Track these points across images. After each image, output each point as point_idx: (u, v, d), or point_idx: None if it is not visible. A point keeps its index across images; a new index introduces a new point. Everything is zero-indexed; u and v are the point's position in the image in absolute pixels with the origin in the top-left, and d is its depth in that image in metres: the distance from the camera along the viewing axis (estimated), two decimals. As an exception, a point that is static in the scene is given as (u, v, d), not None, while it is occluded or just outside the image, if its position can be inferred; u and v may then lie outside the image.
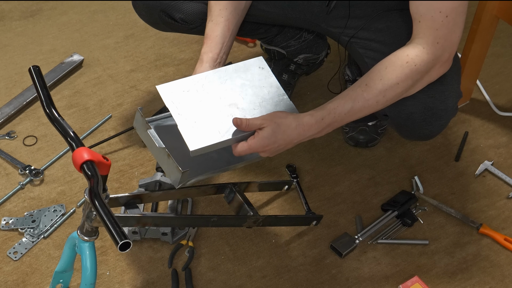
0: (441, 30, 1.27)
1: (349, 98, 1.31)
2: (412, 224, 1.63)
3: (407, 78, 1.29)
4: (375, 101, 1.30)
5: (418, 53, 1.28)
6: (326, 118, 1.30)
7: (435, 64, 1.30)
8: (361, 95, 1.30)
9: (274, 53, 1.87)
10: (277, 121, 1.27)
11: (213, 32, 1.42)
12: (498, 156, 1.81)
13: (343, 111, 1.31)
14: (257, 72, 1.40)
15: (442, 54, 1.30)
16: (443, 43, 1.28)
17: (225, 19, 1.43)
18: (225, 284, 1.51)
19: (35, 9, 2.29)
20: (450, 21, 1.27)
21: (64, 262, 1.33)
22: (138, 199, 1.42)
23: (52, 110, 1.15)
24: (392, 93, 1.30)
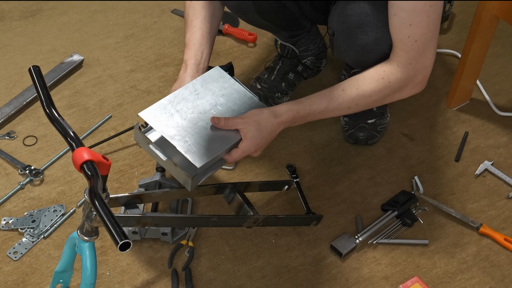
0: (412, 53, 1.37)
1: (326, 98, 1.43)
2: (412, 224, 1.63)
3: (380, 92, 1.42)
4: (347, 106, 1.43)
5: (393, 70, 1.40)
6: (301, 112, 1.43)
7: (407, 84, 1.42)
8: (337, 98, 1.43)
9: (288, 50, 1.90)
10: (256, 118, 1.39)
11: (191, 41, 1.55)
12: (498, 156, 1.81)
13: (317, 109, 1.43)
14: (221, 81, 1.51)
15: (415, 75, 1.40)
16: (415, 64, 1.38)
17: (198, 28, 1.56)
18: (225, 284, 1.51)
19: (35, 9, 2.29)
20: (420, 46, 1.36)
21: (64, 262, 1.33)
22: (138, 199, 1.42)
23: (52, 110, 1.15)
24: (363, 103, 1.44)
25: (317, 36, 1.91)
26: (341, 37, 1.51)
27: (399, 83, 1.41)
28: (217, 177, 1.74)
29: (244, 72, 2.04)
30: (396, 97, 1.45)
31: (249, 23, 1.80)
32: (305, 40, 1.88)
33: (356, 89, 1.42)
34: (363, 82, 1.42)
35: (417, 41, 1.35)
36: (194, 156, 1.35)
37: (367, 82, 1.41)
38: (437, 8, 1.34)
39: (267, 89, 1.88)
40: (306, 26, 1.85)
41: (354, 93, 1.42)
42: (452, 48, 2.13)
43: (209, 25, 1.57)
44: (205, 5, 1.57)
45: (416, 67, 1.39)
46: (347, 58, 1.59)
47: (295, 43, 1.88)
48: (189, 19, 1.57)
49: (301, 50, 1.90)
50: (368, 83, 1.41)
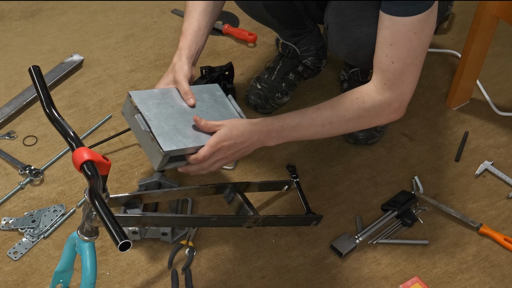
0: (388, 74, 1.36)
1: (300, 114, 1.43)
2: (412, 224, 1.63)
3: (353, 111, 1.40)
4: (320, 124, 1.42)
5: (368, 91, 1.39)
6: (275, 124, 1.43)
7: (384, 109, 1.39)
8: (311, 115, 1.42)
9: (290, 50, 1.90)
10: (232, 121, 1.43)
11: (187, 31, 1.58)
12: (498, 156, 1.81)
13: (291, 123, 1.43)
14: (215, 96, 1.57)
15: (391, 100, 1.38)
16: (390, 86, 1.37)
17: (196, 19, 1.59)
18: (225, 284, 1.51)
19: (35, 9, 2.29)
20: (397, 69, 1.35)
21: (64, 262, 1.33)
22: (138, 199, 1.42)
23: (52, 110, 1.15)
24: (337, 122, 1.42)
25: (318, 36, 1.91)
26: (334, 29, 1.52)
27: (373, 104, 1.39)
28: (217, 177, 1.74)
29: (244, 72, 2.05)
30: (374, 121, 1.43)
31: (254, 18, 1.80)
32: (306, 40, 1.88)
33: (330, 107, 1.41)
34: (338, 101, 1.41)
35: (394, 63, 1.34)
36: (165, 141, 1.38)
37: (342, 101, 1.41)
38: (421, 37, 1.33)
39: (267, 89, 1.88)
40: (309, 26, 1.86)
41: (329, 111, 1.41)
42: (452, 48, 2.13)
43: (207, 18, 1.60)
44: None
45: (392, 91, 1.37)
46: (340, 52, 1.59)
47: (296, 42, 1.89)
48: (189, 9, 1.60)
49: (302, 50, 1.90)
50: (342, 102, 1.40)
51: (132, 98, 1.44)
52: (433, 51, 2.13)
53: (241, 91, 1.96)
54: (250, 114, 1.90)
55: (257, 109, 1.89)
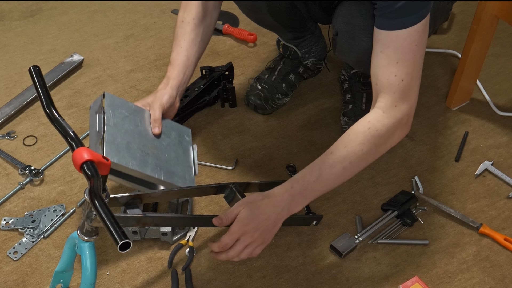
0: (398, 94, 1.32)
1: (315, 166, 1.35)
2: (412, 224, 1.63)
3: (369, 143, 1.33)
4: (341, 167, 1.33)
5: (378, 118, 1.33)
6: (296, 186, 1.34)
7: (396, 128, 1.35)
8: (327, 162, 1.34)
9: (291, 51, 1.91)
10: (249, 200, 1.34)
11: (176, 61, 1.60)
12: (498, 156, 1.81)
13: (311, 178, 1.34)
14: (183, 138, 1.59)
15: (401, 118, 1.35)
16: (400, 106, 1.33)
17: (185, 49, 1.60)
18: (225, 284, 1.51)
19: (35, 9, 2.29)
20: (406, 85, 1.32)
21: (64, 262, 1.33)
22: (138, 199, 1.42)
23: (52, 110, 1.15)
24: (356, 159, 1.34)
25: (320, 37, 1.91)
26: (344, 38, 1.51)
27: (387, 129, 1.33)
28: (217, 177, 1.74)
29: (244, 72, 2.05)
30: (389, 144, 1.38)
31: (257, 22, 1.80)
32: (308, 41, 1.89)
33: (344, 147, 1.33)
34: (349, 139, 1.34)
35: (404, 80, 1.31)
36: (110, 150, 1.37)
37: (354, 138, 1.34)
38: (422, 48, 1.32)
39: (267, 90, 1.88)
40: (311, 28, 1.86)
41: (344, 152, 1.33)
42: (452, 48, 2.13)
43: (195, 48, 1.62)
44: (194, 29, 1.61)
45: (402, 109, 1.34)
46: (349, 59, 1.59)
47: (298, 44, 1.89)
48: (177, 39, 1.61)
49: (303, 52, 1.90)
50: (355, 138, 1.33)
51: (104, 98, 1.45)
52: (433, 51, 2.13)
53: (241, 91, 1.96)
54: (250, 114, 1.91)
55: (257, 109, 1.90)
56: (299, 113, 1.92)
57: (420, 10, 1.28)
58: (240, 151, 1.81)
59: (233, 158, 1.78)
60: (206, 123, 1.88)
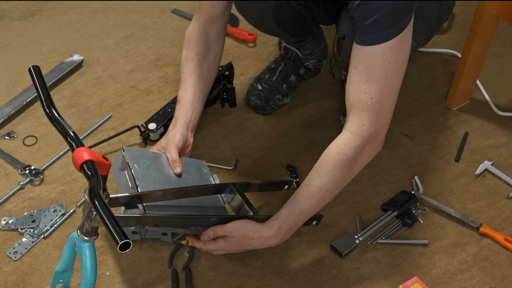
0: (367, 112, 1.31)
1: (296, 202, 1.39)
2: (412, 224, 1.63)
3: (340, 168, 1.34)
4: (320, 197, 1.37)
5: (346, 140, 1.34)
6: (283, 226, 1.40)
7: (364, 146, 1.34)
8: (305, 195, 1.38)
9: (292, 53, 1.91)
10: (243, 233, 1.41)
11: (183, 99, 1.58)
12: (498, 156, 1.81)
13: (294, 215, 1.40)
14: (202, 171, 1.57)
15: (369, 136, 1.33)
16: (368, 125, 1.32)
17: (191, 86, 1.59)
18: (225, 284, 1.51)
19: (35, 9, 2.29)
20: (376, 103, 1.30)
21: (64, 262, 1.33)
22: (138, 199, 1.42)
23: (52, 110, 1.15)
24: (332, 186, 1.36)
25: (321, 39, 1.91)
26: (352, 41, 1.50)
27: (355, 151, 1.33)
28: (217, 177, 1.73)
29: (244, 72, 2.05)
30: (361, 164, 1.38)
31: (262, 31, 1.80)
32: (310, 44, 1.89)
33: (318, 177, 1.36)
34: (321, 168, 1.36)
35: (373, 98, 1.29)
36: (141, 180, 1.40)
37: (325, 165, 1.35)
38: (396, 65, 1.29)
39: (268, 91, 1.88)
40: (314, 31, 1.86)
41: (319, 182, 1.36)
42: (452, 48, 2.13)
43: (202, 83, 1.61)
44: (199, 64, 1.60)
45: (370, 128, 1.32)
46: None
47: (300, 47, 1.89)
48: (183, 76, 1.60)
49: (305, 54, 1.90)
50: (326, 166, 1.35)
51: (125, 153, 1.43)
52: (433, 51, 2.13)
53: (241, 91, 1.96)
54: (250, 115, 1.91)
55: (258, 110, 1.90)
56: (299, 113, 1.92)
57: (393, 26, 1.25)
58: (240, 151, 1.81)
59: (233, 158, 1.78)
60: (206, 123, 1.88)
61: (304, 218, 1.42)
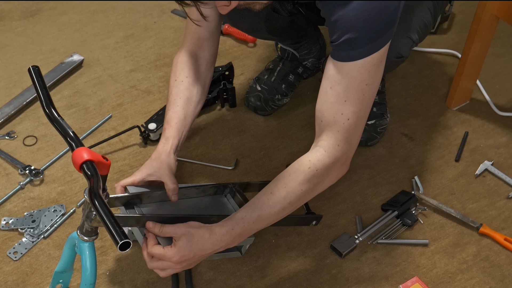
0: (342, 133, 1.30)
1: (256, 207, 1.33)
2: (412, 224, 1.63)
3: (309, 183, 1.32)
4: (281, 208, 1.33)
5: (319, 157, 1.31)
6: (236, 228, 1.32)
7: (334, 167, 1.34)
8: (267, 203, 1.32)
9: (289, 54, 1.91)
10: (192, 231, 1.29)
11: (173, 119, 1.50)
12: (498, 156, 1.81)
13: (251, 219, 1.32)
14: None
15: (341, 157, 1.33)
16: (342, 146, 1.31)
17: (181, 108, 1.51)
18: (225, 284, 1.51)
19: (35, 9, 2.29)
20: (352, 125, 1.29)
21: (64, 262, 1.33)
22: (138, 199, 1.42)
23: (52, 110, 1.15)
24: (295, 199, 1.33)
25: (318, 38, 1.91)
26: None
27: (326, 169, 1.32)
28: (217, 177, 1.74)
29: (244, 72, 2.05)
30: (326, 183, 1.37)
31: (258, 38, 1.81)
32: (307, 44, 1.88)
33: (284, 188, 1.32)
34: (289, 179, 1.32)
35: (349, 119, 1.28)
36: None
37: (294, 177, 1.32)
38: (372, 88, 1.28)
39: (267, 91, 1.88)
40: (310, 32, 1.86)
41: (284, 192, 1.32)
42: (452, 48, 2.13)
43: (191, 107, 1.53)
44: (189, 87, 1.53)
45: (343, 148, 1.31)
46: None
47: (297, 48, 1.89)
48: (172, 97, 1.52)
49: (302, 54, 1.90)
50: (295, 178, 1.32)
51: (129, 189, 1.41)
52: (433, 51, 2.13)
53: (241, 91, 1.96)
54: (250, 115, 1.91)
55: (257, 111, 1.90)
56: (299, 113, 1.92)
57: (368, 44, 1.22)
58: (240, 151, 1.81)
59: (233, 158, 1.78)
60: (206, 123, 1.88)
61: (259, 226, 1.35)
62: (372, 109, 1.81)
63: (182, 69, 1.54)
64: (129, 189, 1.38)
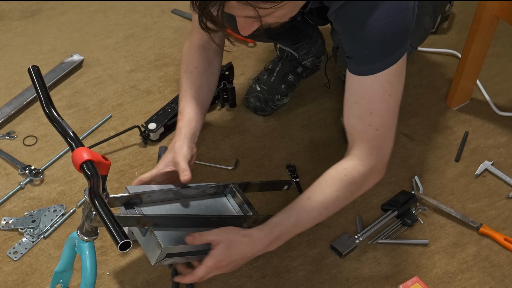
0: (373, 143, 1.34)
1: (294, 211, 1.37)
2: (412, 224, 1.63)
3: (345, 190, 1.36)
4: (318, 213, 1.37)
5: (354, 165, 1.35)
6: (274, 231, 1.36)
7: (371, 174, 1.37)
8: (304, 208, 1.36)
9: (287, 54, 1.90)
10: (230, 237, 1.33)
11: (185, 110, 1.52)
12: (498, 156, 1.81)
13: (289, 224, 1.36)
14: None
15: (376, 165, 1.36)
16: (376, 154, 1.35)
17: (193, 98, 1.53)
18: (225, 284, 1.51)
19: (35, 9, 2.29)
20: (381, 134, 1.33)
21: (64, 262, 1.33)
22: (138, 199, 1.42)
23: (52, 110, 1.15)
24: (333, 205, 1.37)
25: (317, 37, 1.91)
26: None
27: (362, 177, 1.36)
28: (217, 177, 1.74)
29: (244, 72, 2.05)
30: (363, 189, 1.40)
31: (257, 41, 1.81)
32: (306, 44, 1.88)
33: (321, 194, 1.36)
34: (326, 185, 1.36)
35: (378, 129, 1.32)
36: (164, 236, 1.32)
37: (330, 184, 1.35)
38: (396, 97, 1.31)
39: (266, 92, 1.88)
40: (309, 33, 1.85)
41: (321, 198, 1.36)
42: (452, 48, 2.13)
43: (203, 95, 1.56)
44: (198, 77, 1.56)
45: (377, 157, 1.35)
46: None
47: (296, 48, 1.89)
48: (183, 88, 1.55)
49: (301, 54, 1.90)
50: (331, 185, 1.35)
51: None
52: (433, 51, 2.13)
53: (241, 91, 1.96)
54: (250, 115, 1.91)
55: (257, 111, 1.90)
56: (299, 113, 1.92)
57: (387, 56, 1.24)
58: (240, 151, 1.81)
59: (233, 158, 1.78)
60: (206, 123, 1.88)
61: (297, 230, 1.39)
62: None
63: (191, 60, 1.57)
64: (129, 189, 1.38)
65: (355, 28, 1.22)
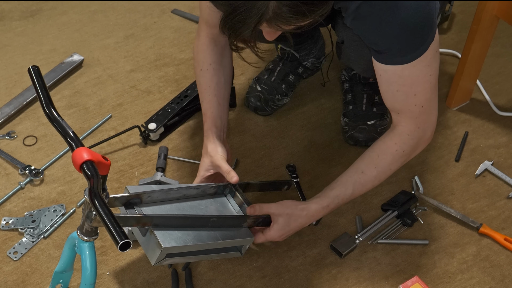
0: (419, 118, 1.40)
1: (350, 185, 1.45)
2: (412, 224, 1.63)
3: (397, 162, 1.45)
4: (371, 185, 1.47)
5: (404, 140, 1.42)
6: (331, 204, 1.46)
7: (420, 145, 1.45)
8: (359, 181, 1.45)
9: (289, 54, 1.90)
10: (289, 212, 1.43)
11: (208, 110, 1.54)
12: (498, 156, 1.81)
13: (345, 197, 1.46)
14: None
15: (424, 135, 1.44)
16: (423, 126, 1.41)
17: (214, 96, 1.55)
18: (225, 284, 1.51)
19: (35, 9, 2.29)
20: (426, 109, 1.39)
21: (64, 262, 1.33)
22: (138, 199, 1.42)
23: (52, 110, 1.15)
24: (385, 177, 1.47)
25: (318, 37, 1.91)
26: (352, 46, 1.50)
27: (412, 148, 1.43)
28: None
29: (244, 72, 2.04)
30: (412, 156, 1.48)
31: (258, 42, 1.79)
32: (307, 45, 1.88)
33: (375, 168, 1.44)
34: (379, 160, 1.44)
35: (423, 106, 1.37)
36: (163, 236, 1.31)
37: (383, 158, 1.43)
38: (435, 74, 1.36)
39: (267, 91, 1.88)
40: (311, 33, 1.85)
41: (374, 172, 1.44)
42: (452, 48, 2.13)
43: (222, 90, 1.58)
44: (215, 73, 1.57)
45: (425, 128, 1.42)
46: (356, 67, 1.59)
47: (297, 49, 1.89)
48: (202, 88, 1.56)
49: (302, 54, 1.90)
50: (384, 159, 1.43)
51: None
52: (433, 51, 2.13)
53: (241, 91, 1.96)
54: (250, 115, 1.91)
55: (257, 111, 1.90)
56: (299, 113, 1.92)
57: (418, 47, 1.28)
58: (240, 151, 1.81)
59: (233, 158, 1.78)
60: (206, 123, 1.88)
61: (348, 201, 1.48)
62: (372, 109, 1.81)
63: (204, 58, 1.57)
64: (129, 189, 1.38)
65: (383, 25, 1.25)
